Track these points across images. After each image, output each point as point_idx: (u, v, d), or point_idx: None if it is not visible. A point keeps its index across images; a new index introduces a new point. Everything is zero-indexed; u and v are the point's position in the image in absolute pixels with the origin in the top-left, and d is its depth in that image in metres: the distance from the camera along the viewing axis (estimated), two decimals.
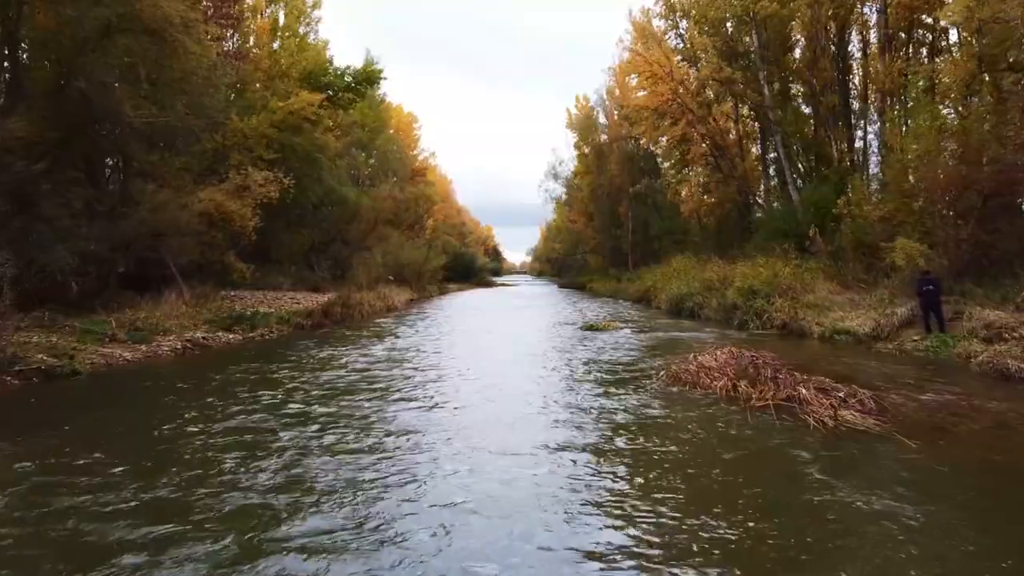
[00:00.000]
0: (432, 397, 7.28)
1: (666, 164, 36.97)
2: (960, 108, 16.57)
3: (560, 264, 65.89)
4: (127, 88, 12.35)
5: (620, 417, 6.17)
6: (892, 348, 10.85)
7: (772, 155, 28.09)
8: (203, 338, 11.34)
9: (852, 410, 5.73)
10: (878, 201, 17.92)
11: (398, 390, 7.69)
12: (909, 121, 20.29)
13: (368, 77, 21.24)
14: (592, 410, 6.50)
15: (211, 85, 14.41)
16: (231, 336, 12.18)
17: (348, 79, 20.92)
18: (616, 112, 40.93)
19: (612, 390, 7.51)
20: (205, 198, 14.97)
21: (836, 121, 23.89)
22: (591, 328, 14.83)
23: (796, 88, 26.10)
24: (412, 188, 44.34)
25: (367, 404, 6.86)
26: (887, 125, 20.79)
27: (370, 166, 39.97)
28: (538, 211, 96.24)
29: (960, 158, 14.60)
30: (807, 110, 25.54)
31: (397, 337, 13.59)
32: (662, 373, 8.00)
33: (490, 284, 61.37)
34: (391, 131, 42.20)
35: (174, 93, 13.47)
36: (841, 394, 6.38)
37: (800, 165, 26.07)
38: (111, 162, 16.25)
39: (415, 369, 9.28)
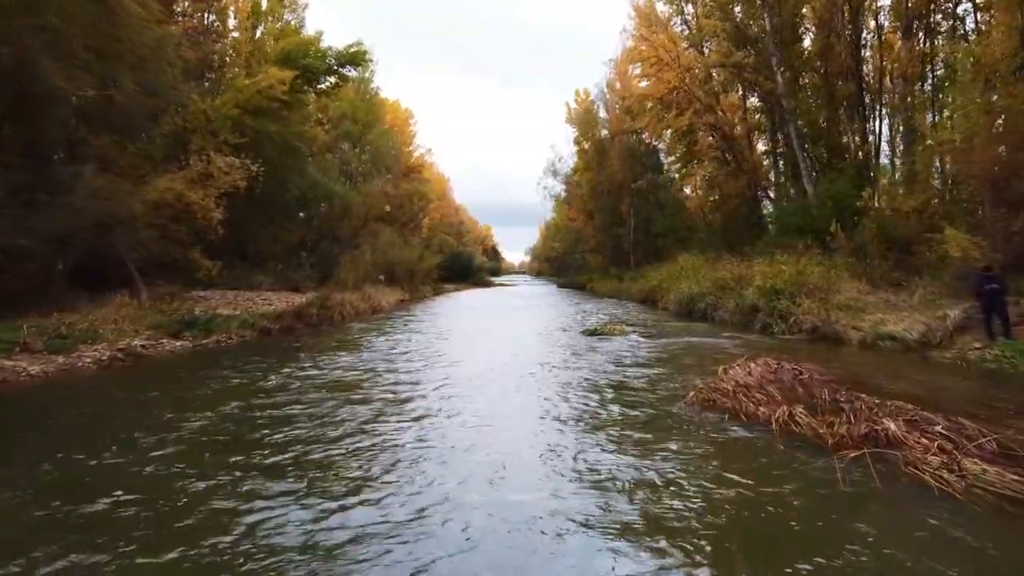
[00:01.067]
0: (359, 464, 4.60)
1: (671, 158, 35.45)
2: (1005, 88, 14.98)
3: (559, 263, 64.34)
4: (60, 56, 10.64)
5: (653, 481, 4.19)
6: (952, 358, 9.21)
7: (780, 149, 26.63)
8: (142, 346, 9.67)
9: (972, 457, 4.08)
10: (909, 192, 16.34)
11: (312, 446, 5.08)
12: (941, 107, 18.75)
13: (352, 59, 19.55)
14: (610, 470, 4.40)
15: (164, 59, 12.72)
16: (178, 343, 10.51)
17: (330, 61, 19.23)
18: (618, 106, 39.38)
19: (631, 425, 5.71)
20: (162, 187, 13.31)
21: (851, 111, 22.40)
22: (594, 333, 13.17)
23: (805, 79, 24.60)
24: (407, 185, 42.84)
25: (229, 480, 4.24)
26: (914, 112, 19.23)
27: (363, 162, 38.40)
28: (538, 210, 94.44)
29: (1008, 142, 13.04)
30: (816, 100, 24.05)
31: (366, 347, 11.37)
32: (691, 395, 6.32)
33: (488, 284, 59.74)
34: (385, 126, 40.52)
35: (120, 66, 11.79)
36: (939, 428, 4.73)
37: (812, 158, 24.56)
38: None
39: (358, 403, 6.63)
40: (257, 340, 12.24)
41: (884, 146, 22.48)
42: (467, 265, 58.07)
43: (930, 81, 20.13)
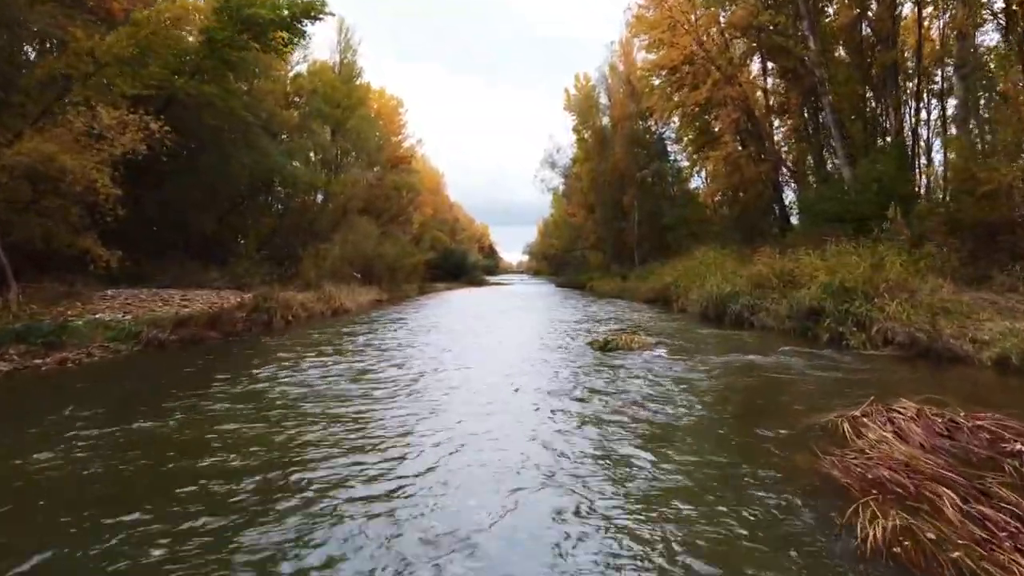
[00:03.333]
0: None
1: (680, 145, 32.15)
2: None
3: (558, 262, 61.06)
4: None
5: None
6: None
7: (805, 129, 23.42)
8: None
9: None
10: (999, 165, 13.01)
11: None
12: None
13: (306, 9, 16.16)
14: None
15: None
16: None
17: (282, 12, 15.81)
18: (621, 89, 36.00)
19: None
20: (24, 149, 9.87)
21: (892, 82, 19.25)
22: (606, 347, 9.68)
23: (834, 50, 21.45)
24: (394, 176, 39.52)
25: None
26: (990, 75, 15.94)
27: (345, 151, 34.94)
28: (537, 209, 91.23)
29: None
30: (851, 72, 20.84)
31: (259, 381, 6.97)
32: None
33: (482, 283, 56.30)
34: (367, 111, 36.97)
35: None
36: None
37: (848, 137, 21.34)
38: None
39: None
40: (135, 358, 8.75)
41: (925, 123, 19.50)
42: (460, 263, 54.62)
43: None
